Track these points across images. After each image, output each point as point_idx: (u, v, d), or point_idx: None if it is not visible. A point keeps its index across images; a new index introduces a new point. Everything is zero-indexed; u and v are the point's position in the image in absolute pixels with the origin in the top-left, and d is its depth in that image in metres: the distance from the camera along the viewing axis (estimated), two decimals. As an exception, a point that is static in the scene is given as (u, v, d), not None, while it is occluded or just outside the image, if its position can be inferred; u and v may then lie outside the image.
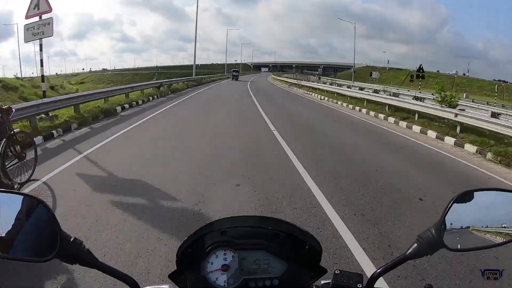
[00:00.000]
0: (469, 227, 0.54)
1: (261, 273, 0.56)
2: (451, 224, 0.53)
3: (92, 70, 74.84)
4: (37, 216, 0.48)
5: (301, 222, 2.16)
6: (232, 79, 31.74)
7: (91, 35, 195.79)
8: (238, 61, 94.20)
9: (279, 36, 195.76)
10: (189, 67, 54.45)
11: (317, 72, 71.97)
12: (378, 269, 0.56)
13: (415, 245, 0.54)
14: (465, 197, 0.54)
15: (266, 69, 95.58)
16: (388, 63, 74.82)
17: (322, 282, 0.58)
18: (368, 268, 1.68)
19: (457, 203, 0.53)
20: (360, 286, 0.53)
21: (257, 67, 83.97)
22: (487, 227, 0.54)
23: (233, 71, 33.83)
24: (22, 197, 0.49)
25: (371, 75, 33.52)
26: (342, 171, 3.46)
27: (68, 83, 43.31)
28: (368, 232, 2.10)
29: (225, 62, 51.19)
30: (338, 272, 0.55)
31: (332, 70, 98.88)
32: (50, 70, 67.42)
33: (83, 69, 79.05)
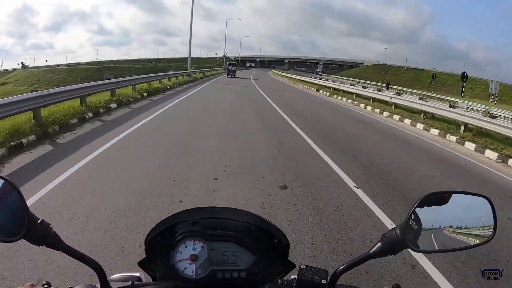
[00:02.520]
0: (433, 229, 0.68)
1: (230, 265, 0.73)
2: (416, 224, 0.67)
3: (28, 65, 78.28)
4: (5, 196, 0.62)
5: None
6: (228, 75, 32.12)
7: (68, 27, 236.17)
8: (220, 55, 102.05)
9: (261, 32, 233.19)
10: (176, 60, 68.06)
11: (318, 70, 74.55)
12: (342, 266, 0.70)
13: (379, 244, 0.69)
14: (431, 199, 0.69)
15: (252, 64, 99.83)
16: (406, 61, 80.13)
17: (292, 276, 0.75)
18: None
19: (421, 205, 0.67)
20: (325, 282, 0.68)
21: (242, 62, 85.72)
22: (452, 230, 0.68)
23: (229, 64, 34.40)
24: None
25: (433, 77, 37.12)
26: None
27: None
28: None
29: (223, 54, 59.64)
30: (304, 267, 0.70)
31: (334, 67, 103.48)
32: (28, 62, 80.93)
33: (19, 64, 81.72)
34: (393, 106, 13.13)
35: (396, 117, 11.46)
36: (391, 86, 32.06)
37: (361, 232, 2.91)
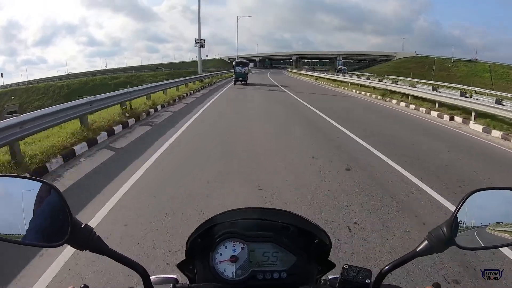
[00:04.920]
0: (480, 225, 0.83)
1: (270, 266, 0.91)
2: (463, 222, 0.83)
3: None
4: (49, 202, 0.78)
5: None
6: (236, 81, 29.23)
7: (57, 41, 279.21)
8: (211, 57, 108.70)
9: (253, 31, 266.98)
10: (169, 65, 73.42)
11: (340, 67, 75.66)
12: (387, 265, 0.86)
13: (426, 242, 0.84)
14: (478, 195, 0.84)
15: (252, 65, 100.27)
16: (474, 54, 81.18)
17: (330, 276, 0.94)
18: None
19: (469, 201, 0.83)
20: (369, 282, 0.83)
21: (238, 63, 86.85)
22: (498, 226, 0.83)
23: (237, 64, 29.93)
24: (35, 182, 0.79)
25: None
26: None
27: None
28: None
29: (235, 55, 62.37)
30: (347, 266, 0.85)
31: (356, 63, 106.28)
32: (20, 79, 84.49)
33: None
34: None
35: None
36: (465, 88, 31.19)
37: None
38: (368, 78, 30.42)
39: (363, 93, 23.02)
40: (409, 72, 62.47)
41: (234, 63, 31.76)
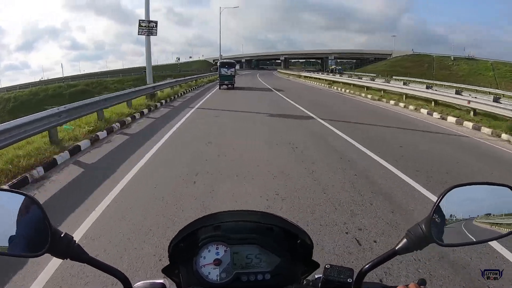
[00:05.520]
0: (458, 222, 0.89)
1: (254, 267, 0.99)
2: (441, 218, 0.89)
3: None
4: (30, 213, 0.85)
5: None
6: (221, 85, 27.56)
7: (40, 45, 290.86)
8: (195, 58, 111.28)
9: (236, 32, 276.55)
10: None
11: (334, 66, 75.57)
12: (367, 264, 0.93)
13: (405, 240, 0.90)
14: (455, 191, 0.90)
15: (238, 66, 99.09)
16: (470, 52, 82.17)
17: (316, 276, 1.02)
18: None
19: (446, 198, 0.89)
20: (351, 281, 0.90)
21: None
22: (477, 222, 0.90)
23: (222, 65, 27.92)
24: (15, 195, 0.87)
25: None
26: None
27: None
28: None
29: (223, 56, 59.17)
30: (329, 266, 0.94)
31: (348, 62, 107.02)
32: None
33: None
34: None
35: None
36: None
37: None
38: (360, 78, 30.99)
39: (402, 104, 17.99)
40: (409, 72, 63.98)
41: (218, 63, 29.87)
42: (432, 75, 64.81)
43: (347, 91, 26.40)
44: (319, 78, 39.63)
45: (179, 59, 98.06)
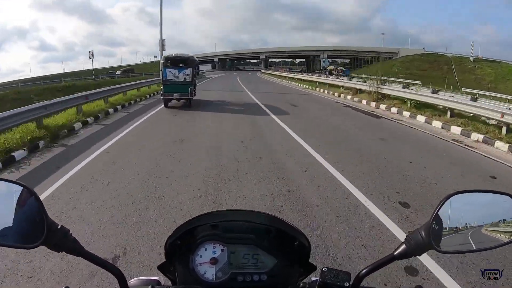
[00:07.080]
0: (457, 229, 1.01)
1: (250, 268, 1.08)
2: (441, 225, 1.00)
3: None
4: (25, 203, 0.94)
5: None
6: (166, 104, 17.55)
7: (8, 47, 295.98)
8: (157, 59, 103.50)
9: (209, 33, 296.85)
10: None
11: (334, 67, 74.89)
12: (365, 268, 1.03)
13: (404, 246, 1.01)
14: (456, 198, 1.01)
15: (209, 66, 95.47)
16: (472, 50, 79.85)
17: (312, 279, 1.11)
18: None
19: (447, 204, 1.00)
20: (347, 285, 1.00)
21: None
22: (477, 230, 1.01)
23: (167, 62, 17.97)
24: (12, 185, 0.96)
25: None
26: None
27: None
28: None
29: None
30: (326, 269, 1.03)
31: (343, 62, 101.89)
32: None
33: None
34: None
35: None
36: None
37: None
38: (367, 81, 23.53)
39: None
40: (425, 74, 62.92)
41: (162, 61, 19.98)
42: (455, 79, 62.52)
43: (393, 110, 17.56)
44: (335, 85, 29.50)
45: (156, 57, 69.66)
